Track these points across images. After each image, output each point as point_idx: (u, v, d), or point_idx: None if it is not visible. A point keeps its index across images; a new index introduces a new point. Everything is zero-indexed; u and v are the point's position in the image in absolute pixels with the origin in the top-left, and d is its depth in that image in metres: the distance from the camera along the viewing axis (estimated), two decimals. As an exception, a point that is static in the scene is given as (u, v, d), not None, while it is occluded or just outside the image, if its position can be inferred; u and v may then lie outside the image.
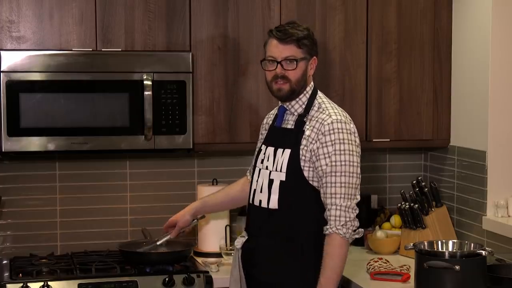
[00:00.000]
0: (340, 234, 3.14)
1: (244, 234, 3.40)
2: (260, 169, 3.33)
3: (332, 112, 3.24)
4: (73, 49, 3.84)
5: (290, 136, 3.27)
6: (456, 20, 4.19)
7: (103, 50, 3.88)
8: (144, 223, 4.23)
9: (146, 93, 3.82)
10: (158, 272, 3.77)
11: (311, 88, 3.33)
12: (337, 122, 3.20)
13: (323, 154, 3.18)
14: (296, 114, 3.31)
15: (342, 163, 3.17)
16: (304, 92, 3.31)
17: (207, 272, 3.80)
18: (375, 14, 4.15)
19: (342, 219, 3.14)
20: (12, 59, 3.73)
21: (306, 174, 3.22)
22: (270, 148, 3.32)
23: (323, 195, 3.19)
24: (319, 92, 3.36)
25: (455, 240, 3.60)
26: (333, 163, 3.17)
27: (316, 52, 3.31)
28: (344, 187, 3.17)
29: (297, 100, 3.31)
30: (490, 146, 3.92)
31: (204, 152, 4.19)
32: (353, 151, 3.20)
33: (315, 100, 3.31)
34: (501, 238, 3.80)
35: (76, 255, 4.09)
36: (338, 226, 3.14)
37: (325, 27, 4.10)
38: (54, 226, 4.20)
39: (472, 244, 3.47)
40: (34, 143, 3.77)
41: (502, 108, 3.92)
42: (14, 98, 3.72)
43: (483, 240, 3.93)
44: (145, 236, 4.10)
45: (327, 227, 3.16)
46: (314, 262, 3.20)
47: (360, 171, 3.22)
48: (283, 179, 3.23)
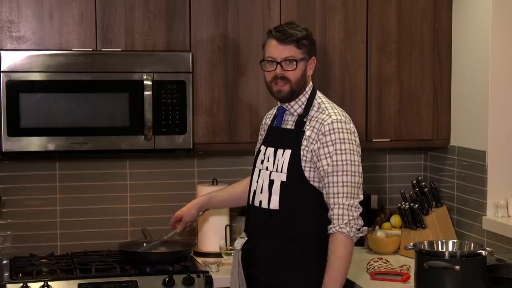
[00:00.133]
0: (344, 233, 3.13)
1: (244, 235, 3.39)
2: (260, 169, 3.33)
3: (332, 112, 3.24)
4: (73, 49, 3.84)
5: (290, 137, 3.27)
6: (456, 20, 4.19)
7: (103, 50, 3.88)
8: (144, 223, 4.23)
9: (146, 93, 3.82)
10: (158, 272, 3.77)
11: (310, 88, 3.33)
12: (337, 122, 3.20)
13: (324, 154, 3.18)
14: (296, 114, 3.30)
15: (344, 162, 3.17)
16: (303, 92, 3.31)
17: (207, 272, 3.80)
18: (375, 14, 4.15)
19: (346, 217, 3.14)
20: (12, 59, 3.73)
21: (307, 174, 3.22)
22: (270, 149, 3.32)
23: (325, 195, 3.19)
24: (318, 92, 3.35)
25: (455, 240, 3.60)
26: (334, 162, 3.17)
27: (315, 52, 3.31)
28: (347, 186, 3.16)
29: (296, 100, 3.30)
30: (490, 146, 3.92)
31: (204, 152, 4.19)
32: (354, 150, 3.20)
33: (314, 100, 3.31)
34: (501, 238, 3.80)
35: (76, 255, 4.09)
36: (341, 225, 3.14)
37: (325, 27, 4.09)
38: (54, 226, 4.20)
39: (472, 244, 3.47)
40: (34, 143, 3.77)
41: (502, 108, 3.92)
42: (14, 98, 3.72)
43: (483, 240, 3.93)
44: (145, 236, 4.11)
45: (331, 226, 3.16)
46: (314, 263, 3.21)
47: (362, 170, 3.22)
48: (284, 179, 3.23)
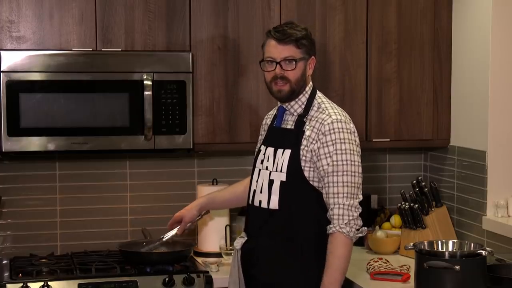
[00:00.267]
0: (344, 233, 3.13)
1: (243, 235, 3.39)
2: (260, 169, 3.33)
3: (332, 112, 3.24)
4: (73, 49, 3.84)
5: (290, 137, 3.27)
6: (456, 20, 4.19)
7: (103, 50, 3.88)
8: (144, 223, 4.23)
9: (146, 93, 3.82)
10: (158, 272, 3.77)
11: (310, 88, 3.33)
12: (337, 122, 3.20)
13: (324, 154, 3.18)
14: (296, 114, 3.30)
15: (344, 162, 3.17)
16: (303, 92, 3.31)
17: (207, 272, 3.80)
18: (375, 14, 4.15)
19: (346, 217, 3.14)
20: (12, 59, 3.73)
21: (306, 174, 3.22)
22: (270, 149, 3.32)
23: (325, 195, 3.19)
24: (318, 92, 3.35)
25: (455, 240, 3.59)
26: (334, 162, 3.17)
27: (314, 52, 3.31)
28: (347, 186, 3.16)
29: (296, 100, 3.31)
30: (490, 146, 3.92)
31: (204, 152, 4.19)
32: (354, 150, 3.20)
33: (314, 100, 3.31)
34: (501, 238, 3.80)
35: (76, 255, 4.09)
36: (341, 225, 3.14)
37: (325, 27, 4.09)
38: (54, 226, 4.20)
39: (472, 244, 3.47)
40: (34, 143, 3.77)
41: (502, 108, 3.92)
42: (14, 98, 3.72)
43: (483, 240, 3.93)
44: (145, 236, 4.11)
45: (331, 226, 3.16)
46: (314, 263, 3.21)
47: (361, 170, 3.22)
48: (284, 179, 3.23)
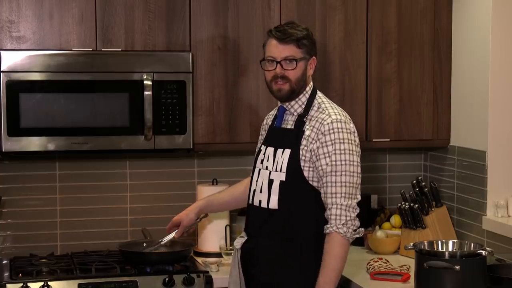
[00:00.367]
0: (341, 233, 3.13)
1: (243, 235, 3.39)
2: (259, 169, 3.33)
3: (331, 112, 3.24)
4: (73, 49, 3.84)
5: (290, 136, 3.27)
6: (456, 20, 4.19)
7: (103, 50, 3.88)
8: (144, 223, 4.23)
9: (146, 93, 3.82)
10: (158, 272, 3.77)
11: (311, 88, 3.33)
12: (337, 122, 3.20)
13: (323, 153, 3.18)
14: (296, 114, 3.30)
15: (343, 162, 3.17)
16: (303, 92, 3.31)
17: (207, 272, 3.80)
18: (375, 14, 4.15)
19: (343, 218, 3.14)
20: (12, 59, 3.72)
21: (306, 174, 3.22)
22: (270, 149, 3.32)
23: (323, 195, 3.19)
24: (319, 92, 3.36)
25: (455, 240, 3.59)
26: (333, 162, 3.17)
27: (315, 52, 3.31)
28: (345, 186, 3.16)
29: (296, 100, 3.31)
30: (490, 146, 3.92)
31: (204, 152, 4.19)
32: (353, 150, 3.20)
33: (314, 100, 3.31)
34: (501, 238, 3.80)
35: (76, 255, 4.09)
36: (338, 225, 3.14)
37: (325, 27, 4.09)
38: (54, 226, 4.20)
39: (472, 244, 3.47)
40: (34, 143, 3.77)
41: (502, 108, 3.92)
42: (14, 98, 3.72)
43: (483, 240, 3.93)
44: (145, 236, 4.11)
45: (328, 226, 3.16)
46: (313, 263, 3.20)
47: (361, 171, 3.22)
48: (283, 179, 3.23)
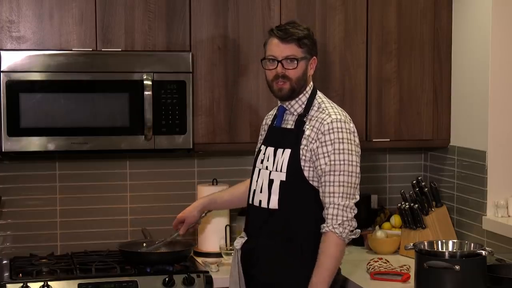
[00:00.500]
0: (337, 233, 3.13)
1: (243, 235, 3.39)
2: (260, 169, 3.33)
3: (331, 112, 3.24)
4: (73, 49, 3.84)
5: (290, 136, 3.27)
6: (456, 20, 4.19)
7: (103, 50, 3.88)
8: (144, 223, 4.23)
9: (146, 93, 3.82)
10: (158, 272, 3.77)
11: (311, 88, 3.33)
12: (336, 122, 3.20)
13: (323, 153, 3.18)
14: (296, 114, 3.30)
15: (341, 162, 3.17)
16: (303, 92, 3.31)
17: (207, 272, 3.80)
18: (375, 14, 4.15)
19: (340, 218, 3.14)
20: (12, 59, 3.72)
21: (306, 174, 3.22)
22: (270, 148, 3.32)
23: (321, 194, 3.19)
24: (319, 92, 3.36)
25: (455, 240, 3.59)
26: (332, 162, 3.17)
27: (316, 52, 3.31)
28: (343, 186, 3.16)
29: (296, 100, 3.31)
30: (490, 146, 3.92)
31: (204, 152, 4.19)
32: (352, 150, 3.20)
33: (314, 100, 3.31)
34: (501, 238, 3.80)
35: (76, 255, 4.09)
36: (334, 225, 3.14)
37: (325, 27, 4.09)
38: (54, 226, 4.20)
39: (472, 244, 3.47)
40: (34, 143, 3.77)
41: (502, 108, 3.92)
42: (14, 98, 3.72)
43: (483, 240, 3.92)
44: (145, 236, 4.11)
45: (324, 225, 3.16)
46: (313, 263, 3.19)
47: (360, 171, 3.22)
48: (283, 179, 3.23)
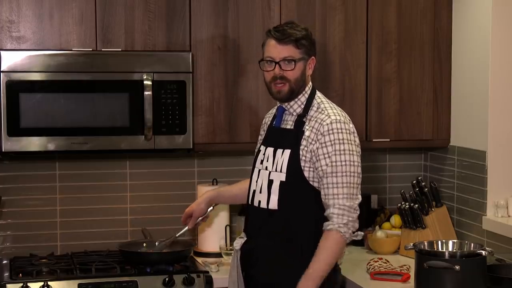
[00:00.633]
0: (341, 232, 3.13)
1: (243, 235, 3.39)
2: (259, 169, 3.32)
3: (331, 113, 3.24)
4: (73, 49, 3.84)
5: (290, 137, 3.26)
6: (456, 20, 4.19)
7: (103, 50, 3.88)
8: (144, 223, 4.23)
9: (146, 93, 3.82)
10: (158, 272, 3.77)
11: (310, 88, 3.33)
12: (336, 122, 3.20)
13: (323, 154, 3.18)
14: (295, 114, 3.30)
15: (343, 163, 3.17)
16: (302, 92, 3.30)
17: (207, 272, 3.80)
18: (375, 14, 4.15)
19: (345, 218, 3.14)
20: (12, 59, 3.72)
21: (306, 174, 3.21)
22: (270, 149, 3.31)
23: (324, 196, 3.18)
24: (318, 92, 3.35)
25: (455, 240, 3.60)
26: (333, 163, 3.16)
27: (314, 52, 3.31)
28: (347, 187, 3.16)
29: (296, 100, 3.30)
30: (490, 146, 3.92)
31: (204, 152, 4.19)
32: (353, 150, 3.20)
33: (314, 100, 3.30)
34: (501, 238, 3.80)
35: (76, 255, 4.09)
36: (340, 224, 3.13)
37: (325, 27, 4.09)
38: (54, 226, 4.20)
39: (472, 244, 3.47)
40: (34, 143, 3.77)
41: (502, 108, 3.92)
42: (14, 98, 3.72)
43: (483, 240, 3.92)
44: (145, 236, 4.11)
45: (328, 223, 3.15)
46: (313, 263, 3.21)
47: (361, 171, 3.22)
48: (283, 179, 3.23)
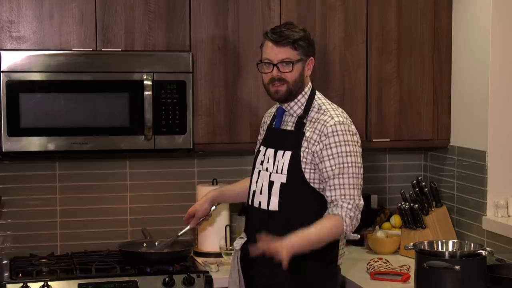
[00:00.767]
0: (345, 222, 3.12)
1: (243, 236, 3.39)
2: (259, 170, 3.32)
3: (333, 114, 3.24)
4: (73, 49, 3.84)
5: (290, 138, 3.26)
6: (456, 20, 4.19)
7: (103, 50, 3.88)
8: (144, 223, 4.23)
9: (146, 93, 3.82)
10: (158, 272, 3.77)
11: (309, 89, 3.33)
12: (340, 124, 3.20)
13: (327, 155, 3.17)
14: (295, 115, 3.30)
15: (349, 164, 3.17)
16: (302, 93, 3.30)
17: (207, 272, 3.80)
18: (375, 14, 4.15)
19: (353, 215, 3.14)
20: (12, 59, 3.72)
21: (307, 176, 3.21)
22: (270, 150, 3.31)
23: (330, 197, 3.17)
24: (318, 93, 3.35)
25: (455, 240, 3.60)
26: (340, 165, 3.16)
27: (312, 52, 3.30)
28: (353, 188, 3.17)
29: (295, 101, 3.30)
30: (490, 146, 3.92)
31: (204, 152, 4.19)
32: (357, 152, 3.21)
33: (314, 101, 3.30)
34: (501, 238, 3.80)
35: (76, 255, 4.09)
36: (346, 216, 3.12)
37: (325, 27, 4.09)
38: (54, 226, 4.20)
39: (472, 244, 3.47)
40: (34, 143, 3.77)
41: (502, 108, 3.92)
42: (14, 98, 3.72)
43: (483, 240, 3.93)
44: (145, 236, 4.11)
45: (336, 210, 3.13)
46: (313, 263, 3.20)
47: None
48: (284, 181, 3.23)
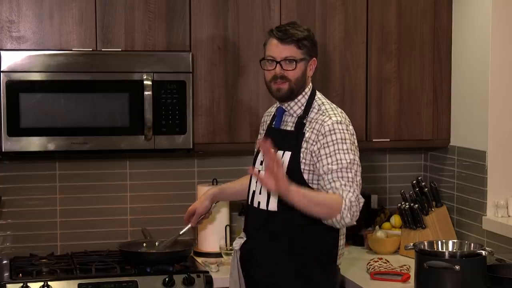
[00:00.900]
0: (345, 203, 3.07)
1: (243, 236, 3.39)
2: (259, 170, 3.31)
3: (332, 114, 3.24)
4: (73, 49, 3.84)
5: (290, 138, 3.26)
6: (456, 20, 4.19)
7: (103, 50, 3.88)
8: (144, 223, 4.24)
9: (146, 93, 3.82)
10: (158, 272, 3.77)
11: (310, 89, 3.33)
12: (337, 123, 3.20)
13: (325, 154, 3.17)
14: (295, 115, 3.30)
15: (348, 160, 3.16)
16: (302, 93, 3.30)
17: (207, 272, 3.80)
18: (375, 14, 4.15)
19: (354, 200, 3.10)
20: (12, 59, 3.72)
21: (306, 177, 3.21)
22: (270, 150, 3.31)
23: (332, 189, 3.12)
24: (318, 93, 3.35)
25: (455, 240, 3.60)
26: (339, 161, 3.15)
27: (315, 53, 3.31)
28: (353, 182, 3.15)
29: (296, 101, 3.30)
30: (490, 146, 3.92)
31: (204, 152, 4.19)
32: (354, 150, 3.21)
33: (314, 102, 3.30)
34: (501, 238, 3.80)
35: (76, 255, 4.09)
36: (347, 198, 3.08)
37: (325, 27, 4.09)
38: (54, 226, 4.20)
39: (472, 244, 3.47)
40: (34, 143, 3.77)
41: (502, 108, 3.92)
42: (14, 98, 3.72)
43: (483, 240, 3.93)
44: (145, 236, 4.11)
45: (339, 192, 3.10)
46: (313, 264, 3.21)
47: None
48: (283, 181, 3.22)
